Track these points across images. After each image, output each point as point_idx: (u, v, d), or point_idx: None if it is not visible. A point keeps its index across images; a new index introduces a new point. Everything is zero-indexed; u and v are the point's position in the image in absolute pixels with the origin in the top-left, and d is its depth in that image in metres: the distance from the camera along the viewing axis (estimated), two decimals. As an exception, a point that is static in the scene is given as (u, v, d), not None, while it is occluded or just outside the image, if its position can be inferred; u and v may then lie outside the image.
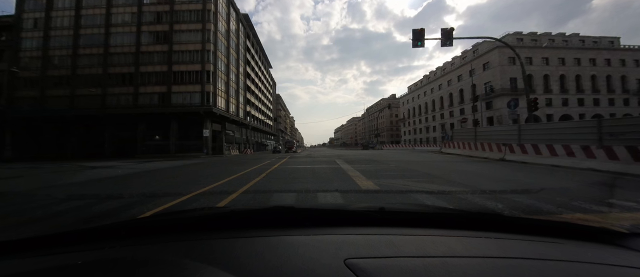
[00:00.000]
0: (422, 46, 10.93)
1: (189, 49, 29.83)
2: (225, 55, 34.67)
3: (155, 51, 30.15)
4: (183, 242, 0.78)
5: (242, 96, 42.95)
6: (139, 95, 29.72)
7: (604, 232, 0.84)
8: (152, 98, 29.87)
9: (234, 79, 38.14)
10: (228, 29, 36.06)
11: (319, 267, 0.58)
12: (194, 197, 4.33)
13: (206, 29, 29.78)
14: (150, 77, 30.00)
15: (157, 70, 29.94)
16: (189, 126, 28.83)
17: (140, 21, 30.55)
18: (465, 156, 13.15)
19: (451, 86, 51.50)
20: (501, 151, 10.83)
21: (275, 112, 78.20)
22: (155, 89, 29.74)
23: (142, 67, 29.93)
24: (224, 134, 33.32)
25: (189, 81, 29.53)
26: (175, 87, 29.54)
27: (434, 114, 57.16)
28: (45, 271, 0.60)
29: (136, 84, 29.71)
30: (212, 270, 0.56)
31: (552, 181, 5.51)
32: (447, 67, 54.16)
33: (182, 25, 30.23)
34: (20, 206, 4.07)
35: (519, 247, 0.76)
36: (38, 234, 0.78)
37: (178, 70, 29.72)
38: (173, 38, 30.04)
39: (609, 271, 0.61)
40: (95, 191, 5.45)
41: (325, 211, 1.05)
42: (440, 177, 6.14)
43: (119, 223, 0.87)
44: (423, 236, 0.82)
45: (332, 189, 4.79)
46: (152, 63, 30.06)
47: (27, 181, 7.43)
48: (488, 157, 11.33)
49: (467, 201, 3.73)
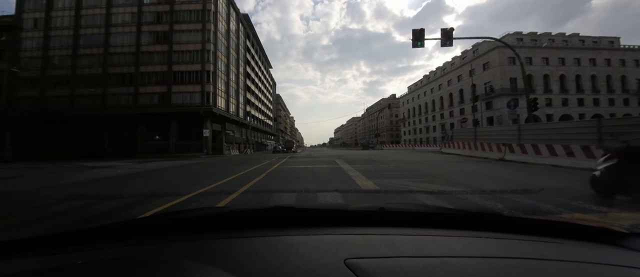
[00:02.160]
0: (421, 46, 10.94)
1: (189, 49, 29.85)
2: (225, 55, 34.69)
3: (155, 51, 30.19)
4: (183, 242, 0.78)
5: (242, 96, 42.96)
6: (139, 95, 29.74)
7: (604, 232, 0.84)
8: (152, 98, 29.89)
9: (234, 79, 38.15)
10: (228, 29, 36.09)
11: (319, 267, 0.58)
12: (194, 197, 4.33)
13: (206, 29, 29.80)
14: (150, 77, 30.02)
15: (157, 70, 29.97)
16: (189, 126, 28.84)
17: (140, 21, 30.58)
18: (465, 156, 13.17)
19: (451, 86, 51.51)
20: (501, 151, 10.84)
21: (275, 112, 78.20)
22: (155, 89, 29.77)
23: (142, 67, 29.96)
24: (224, 134, 33.33)
25: (189, 81, 29.55)
26: (176, 87, 29.56)
27: (434, 114, 57.17)
28: (45, 271, 0.60)
29: (136, 84, 29.73)
30: (212, 270, 0.56)
31: (552, 181, 5.51)
32: (447, 67, 54.17)
33: (182, 25, 30.25)
34: (21, 206, 4.08)
35: (519, 247, 0.76)
36: (38, 234, 0.78)
37: (178, 70, 29.74)
38: (173, 38, 30.08)
39: (609, 271, 0.61)
40: (95, 191, 5.46)
41: (325, 211, 1.05)
42: (440, 177, 6.15)
43: (119, 223, 0.87)
44: (423, 236, 0.82)
45: (332, 189, 4.79)
46: (152, 63, 30.08)
47: (27, 181, 7.44)
48: (488, 157, 11.33)
49: (467, 200, 3.74)
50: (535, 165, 8.34)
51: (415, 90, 67.37)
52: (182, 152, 28.16)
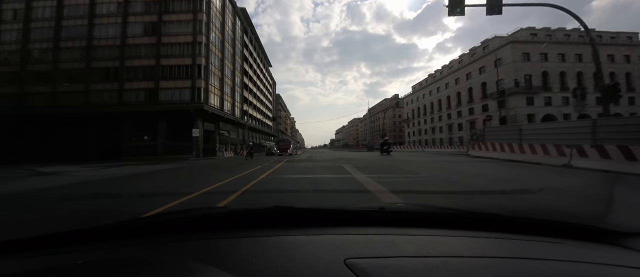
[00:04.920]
0: (461, 14, 8.48)
1: (179, 41, 27.33)
2: (219, 49, 32.22)
3: (143, 44, 27.69)
4: (184, 242, 0.77)
5: (239, 94, 40.51)
6: (124, 91, 27.24)
7: (604, 232, 0.84)
8: (138, 95, 27.37)
9: (229, 75, 35.67)
10: (223, 21, 33.63)
11: (319, 267, 0.58)
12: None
13: (198, 20, 27.32)
14: (136, 72, 27.47)
15: (144, 64, 27.41)
16: (178, 126, 26.33)
17: (126, 11, 28.15)
18: (505, 160, 10.63)
19: (459, 85, 48.98)
20: (565, 155, 8.27)
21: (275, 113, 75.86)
22: (142, 84, 27.21)
23: (128, 61, 27.47)
24: (218, 134, 30.87)
25: (178, 76, 26.99)
26: (164, 82, 27.02)
27: (441, 114, 54.61)
28: (45, 271, 0.60)
29: (121, 79, 27.25)
30: (212, 270, 0.56)
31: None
32: (455, 65, 51.72)
33: (171, 16, 27.77)
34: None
35: (519, 247, 0.76)
36: (38, 234, 0.77)
37: (167, 64, 27.20)
38: (162, 29, 27.59)
39: (609, 271, 0.61)
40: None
41: (325, 211, 1.02)
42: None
43: (119, 223, 0.86)
44: (423, 235, 0.81)
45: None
46: (139, 56, 27.56)
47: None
48: (542, 162, 8.77)
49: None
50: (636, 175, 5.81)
51: (419, 89, 64.87)
52: (171, 154, 25.68)
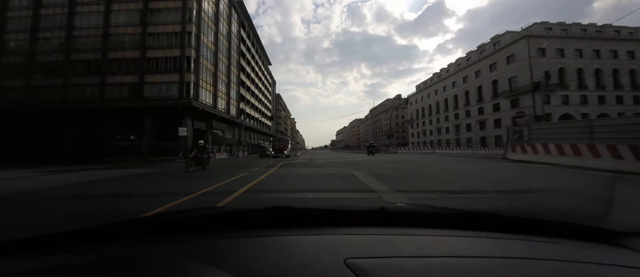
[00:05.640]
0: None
1: (167, 31, 24.94)
2: (212, 41, 29.82)
3: (127, 33, 25.29)
4: (183, 242, 0.77)
5: (235, 91, 38.13)
6: (106, 86, 24.83)
7: (604, 232, 0.83)
8: (121, 90, 24.97)
9: (223, 71, 33.27)
10: (217, 11, 31.26)
11: (319, 267, 0.58)
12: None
13: (187, 7, 24.95)
14: (119, 65, 25.08)
15: (127, 56, 25.02)
16: (166, 124, 23.86)
17: (109, -1, 25.77)
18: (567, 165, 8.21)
19: (467, 83, 46.56)
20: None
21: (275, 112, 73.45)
22: (126, 78, 24.81)
23: (111, 53, 25.08)
24: (211, 133, 28.45)
25: (165, 69, 24.59)
26: (149, 76, 24.63)
27: (447, 113, 52.16)
28: (45, 270, 0.60)
29: (103, 73, 24.84)
30: (211, 270, 0.56)
31: None
32: (462, 63, 49.31)
33: (159, 3, 25.39)
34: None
35: (519, 247, 0.76)
36: (38, 234, 0.76)
37: (153, 56, 24.81)
38: (148, 18, 25.18)
39: (609, 271, 0.61)
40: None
41: (325, 211, 1.01)
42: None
43: (119, 223, 0.86)
44: (423, 236, 0.81)
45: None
46: (123, 48, 25.18)
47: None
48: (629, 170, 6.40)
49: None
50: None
51: (424, 89, 62.44)
52: (157, 155, 23.25)
